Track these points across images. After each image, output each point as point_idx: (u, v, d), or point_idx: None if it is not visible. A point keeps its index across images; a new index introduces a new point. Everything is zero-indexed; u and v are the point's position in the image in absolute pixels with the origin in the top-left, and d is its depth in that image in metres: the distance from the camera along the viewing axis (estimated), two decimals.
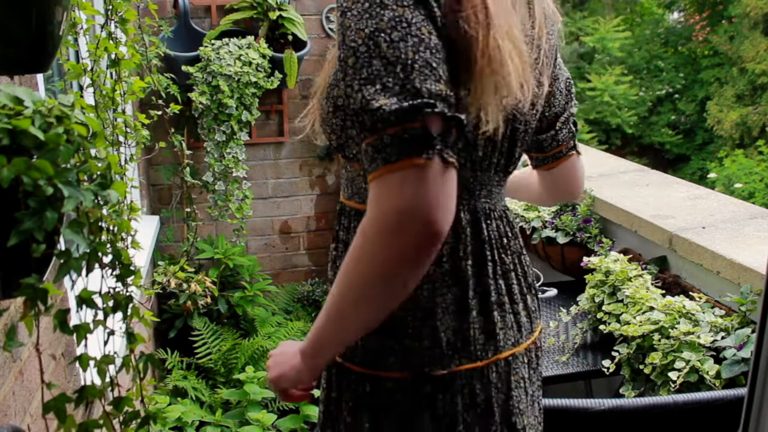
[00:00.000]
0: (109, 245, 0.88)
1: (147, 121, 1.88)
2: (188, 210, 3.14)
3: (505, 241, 0.98)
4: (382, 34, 0.76)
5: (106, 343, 0.95)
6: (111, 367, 0.97)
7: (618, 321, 1.88)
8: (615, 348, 1.83)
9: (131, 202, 1.52)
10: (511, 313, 0.98)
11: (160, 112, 2.12)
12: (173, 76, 2.86)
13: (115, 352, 0.99)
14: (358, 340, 0.94)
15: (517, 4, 0.89)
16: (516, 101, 0.89)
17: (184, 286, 2.85)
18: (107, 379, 0.96)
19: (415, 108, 0.74)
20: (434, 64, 0.77)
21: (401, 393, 0.94)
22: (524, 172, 1.29)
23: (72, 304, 1.42)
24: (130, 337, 1.00)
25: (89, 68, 1.52)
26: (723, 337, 1.67)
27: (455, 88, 0.80)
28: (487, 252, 0.95)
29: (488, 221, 0.96)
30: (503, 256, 0.98)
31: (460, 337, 0.93)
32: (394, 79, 0.75)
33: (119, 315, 0.97)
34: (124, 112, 1.71)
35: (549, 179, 1.22)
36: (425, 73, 0.76)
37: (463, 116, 0.78)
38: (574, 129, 1.16)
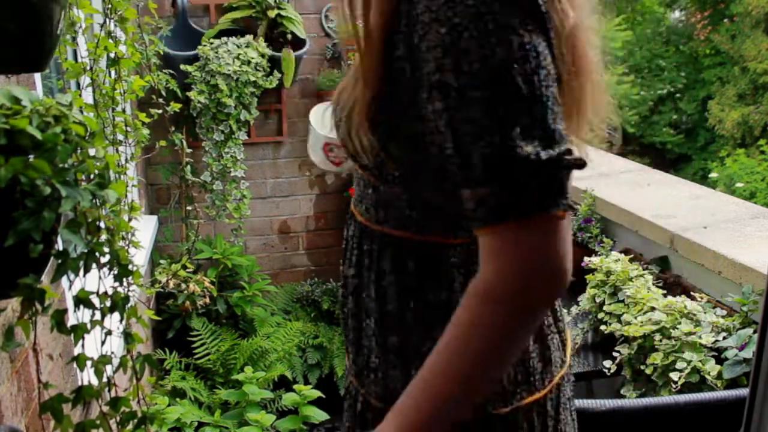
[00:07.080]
0: (107, 245, 0.88)
1: (147, 120, 1.87)
2: (188, 209, 3.13)
3: None
4: (515, 65, 0.66)
5: (103, 343, 0.95)
6: (108, 368, 0.96)
7: (619, 321, 1.87)
8: (616, 348, 1.82)
9: (131, 201, 1.52)
10: (557, 332, 0.92)
11: (160, 111, 2.11)
12: (172, 74, 2.85)
13: (112, 353, 0.98)
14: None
15: None
16: None
17: (183, 286, 2.84)
18: (104, 380, 0.96)
19: (561, 157, 0.67)
20: (558, 100, 0.69)
21: None
22: None
23: (69, 304, 1.42)
24: (128, 337, 0.99)
25: (88, 67, 1.51)
26: (724, 338, 1.66)
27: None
28: None
29: None
30: None
31: (521, 369, 0.87)
32: (532, 121, 0.67)
33: (117, 315, 0.96)
34: (123, 111, 1.70)
35: None
36: (555, 111, 0.68)
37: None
38: None
